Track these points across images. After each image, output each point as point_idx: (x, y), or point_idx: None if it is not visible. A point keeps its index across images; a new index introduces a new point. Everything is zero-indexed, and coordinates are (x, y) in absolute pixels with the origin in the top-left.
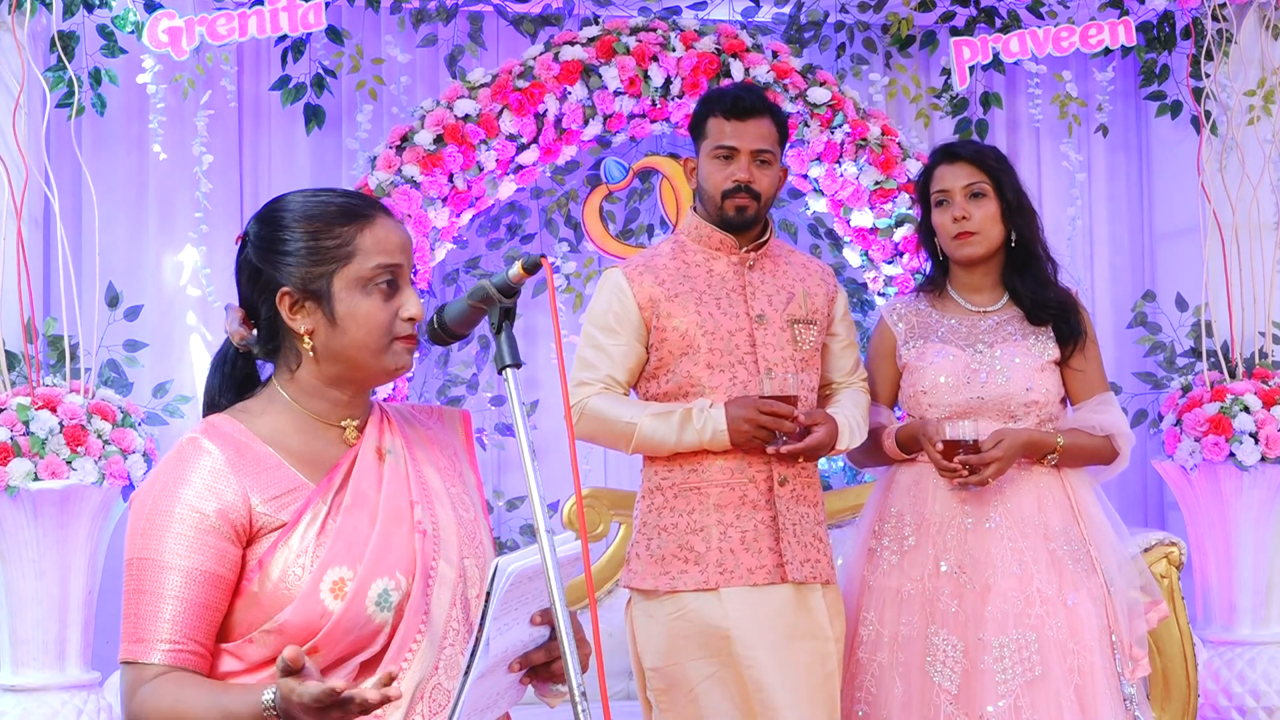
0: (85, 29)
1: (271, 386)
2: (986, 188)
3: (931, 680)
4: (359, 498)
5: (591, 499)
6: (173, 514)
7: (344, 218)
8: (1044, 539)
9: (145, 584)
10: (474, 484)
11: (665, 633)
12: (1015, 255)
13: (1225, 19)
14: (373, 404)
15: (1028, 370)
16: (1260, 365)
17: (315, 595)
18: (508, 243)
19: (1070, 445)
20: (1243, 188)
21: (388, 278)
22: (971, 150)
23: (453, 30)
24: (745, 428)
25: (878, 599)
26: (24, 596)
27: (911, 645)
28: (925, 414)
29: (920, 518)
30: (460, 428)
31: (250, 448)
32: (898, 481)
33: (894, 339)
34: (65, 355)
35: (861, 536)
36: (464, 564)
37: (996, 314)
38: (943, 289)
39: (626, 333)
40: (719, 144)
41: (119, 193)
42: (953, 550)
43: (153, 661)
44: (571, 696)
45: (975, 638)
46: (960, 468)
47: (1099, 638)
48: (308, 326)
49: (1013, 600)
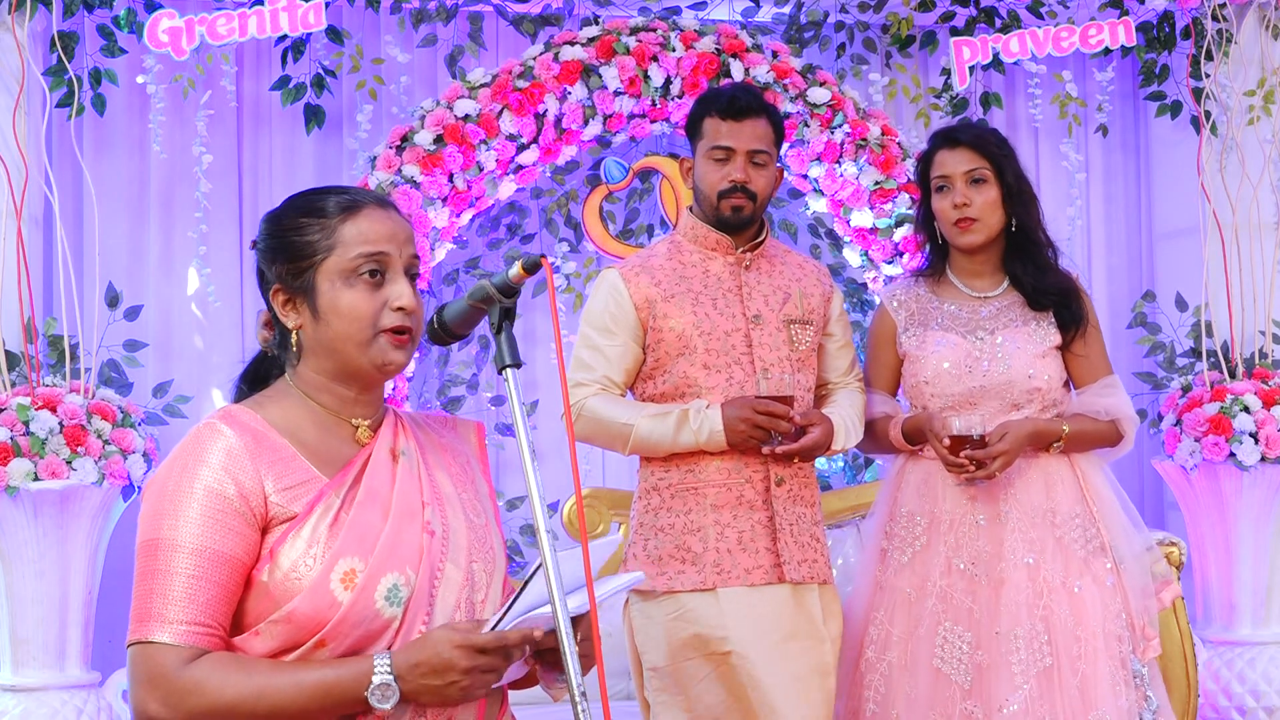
0: (85, 29)
1: (284, 380)
2: (987, 173)
3: (943, 676)
4: (371, 493)
5: (591, 499)
6: (190, 493)
7: (329, 211)
8: (1051, 526)
9: (160, 564)
10: (487, 493)
11: (663, 633)
12: (1016, 240)
13: (1225, 19)
14: (387, 408)
15: (1029, 356)
16: (1260, 365)
17: (325, 585)
18: (508, 243)
19: (1075, 432)
20: (1243, 188)
21: (371, 268)
22: (972, 135)
23: (453, 30)
24: (742, 428)
25: (889, 599)
26: (24, 596)
27: (922, 643)
28: (928, 403)
29: (931, 516)
30: (474, 438)
31: (266, 436)
32: (907, 480)
33: (894, 325)
34: (65, 355)
35: (872, 537)
36: (472, 568)
37: (997, 299)
38: (942, 273)
39: (623, 333)
40: (715, 144)
41: (119, 193)
42: (965, 547)
43: (166, 641)
44: (571, 696)
45: (990, 632)
46: (966, 462)
47: (1103, 622)
48: (296, 321)
49: (1024, 591)
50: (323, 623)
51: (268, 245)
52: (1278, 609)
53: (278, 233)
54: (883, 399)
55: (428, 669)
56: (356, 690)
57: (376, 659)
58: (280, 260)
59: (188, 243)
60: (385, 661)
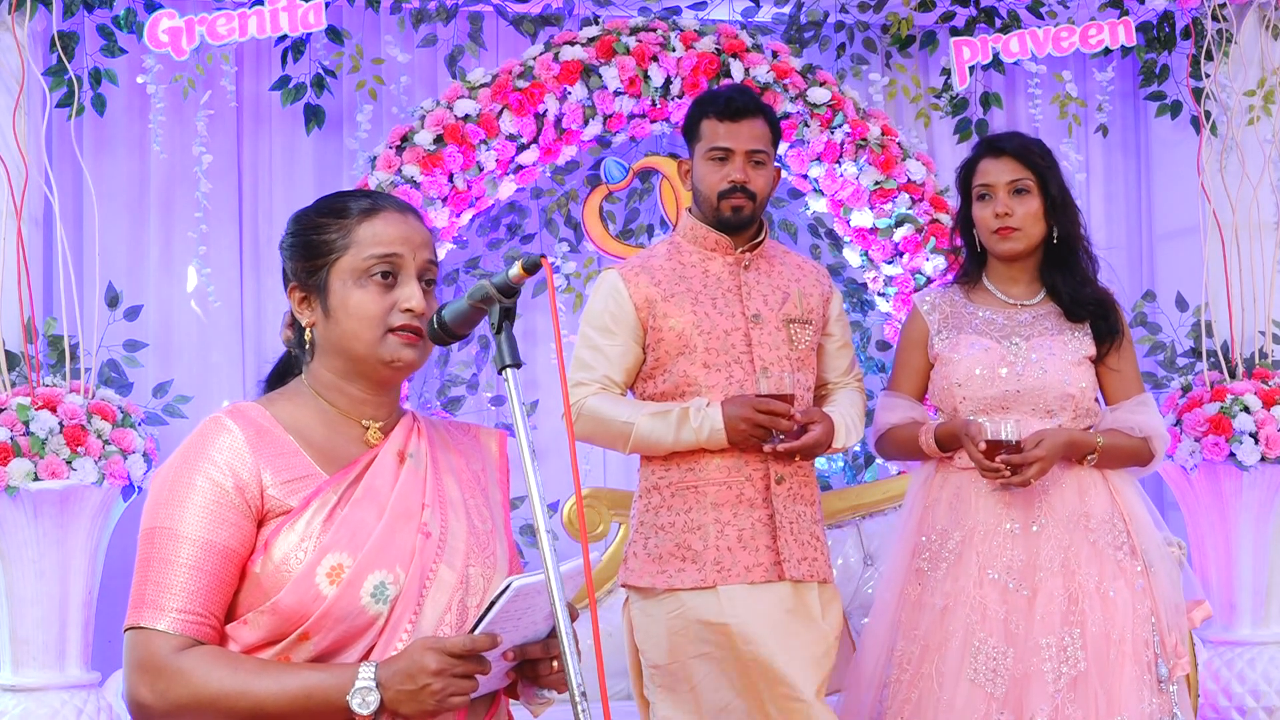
0: (85, 29)
1: (299, 380)
2: (1030, 184)
3: (976, 687)
4: (370, 492)
5: (591, 499)
6: (193, 486)
7: (347, 212)
8: (1085, 531)
9: (159, 552)
10: (500, 501)
11: (664, 630)
12: (1055, 251)
13: (1225, 19)
14: (405, 411)
15: (1064, 364)
16: (1260, 365)
17: (311, 578)
18: (508, 243)
19: (1109, 446)
20: (1243, 188)
21: (384, 269)
22: (1016, 145)
23: (453, 30)
24: (743, 427)
25: (925, 617)
26: (24, 596)
27: (954, 655)
28: (958, 407)
29: (965, 530)
30: (495, 446)
31: (271, 432)
32: (938, 499)
33: (926, 329)
34: (65, 355)
35: (901, 557)
36: (468, 571)
37: (1033, 308)
38: (978, 281)
39: (623, 333)
40: (713, 145)
41: (119, 193)
42: (999, 557)
43: (161, 628)
44: (571, 697)
45: (1025, 642)
46: (1002, 467)
47: (1132, 626)
48: (310, 319)
49: (1059, 600)
50: (306, 615)
51: (290, 243)
52: (1278, 609)
53: (300, 231)
54: (909, 404)
55: (404, 675)
56: (338, 696)
57: (362, 666)
58: (298, 258)
59: (187, 243)
60: (370, 669)
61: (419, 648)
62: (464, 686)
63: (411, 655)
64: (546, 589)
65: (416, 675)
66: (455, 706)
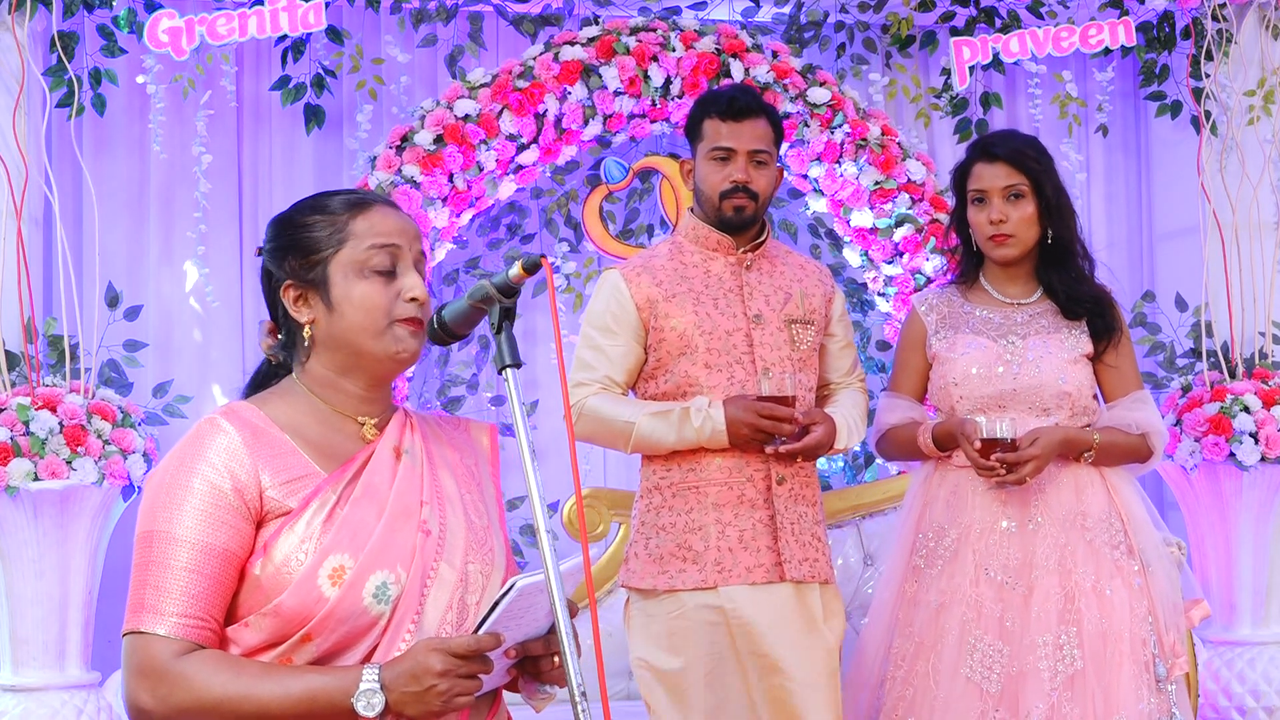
0: (85, 29)
1: (290, 379)
2: (1025, 189)
3: (972, 685)
4: (369, 490)
5: (591, 499)
6: (189, 488)
7: (339, 207)
8: (1082, 529)
9: (157, 556)
10: (493, 495)
11: (665, 631)
12: (1051, 251)
13: (1225, 19)
14: (397, 407)
15: (1060, 362)
16: (1260, 365)
17: (313, 580)
18: (508, 243)
19: (1106, 443)
20: (1243, 188)
21: (384, 259)
22: (1010, 149)
23: (453, 30)
24: (744, 431)
25: (920, 614)
26: (24, 596)
27: (950, 652)
28: (956, 406)
29: (961, 528)
30: (486, 440)
31: (267, 432)
32: (935, 495)
33: (924, 329)
34: (65, 355)
35: (900, 556)
36: (467, 568)
37: (1030, 307)
38: (974, 280)
39: (624, 333)
40: (716, 145)
41: (119, 193)
42: (995, 555)
43: (161, 633)
44: (571, 697)
45: (1020, 640)
46: (998, 466)
47: (1130, 625)
48: (309, 316)
49: (1055, 598)
50: (309, 617)
51: (276, 245)
52: (1278, 609)
53: (286, 231)
54: (909, 404)
55: (408, 676)
56: (343, 698)
57: (366, 669)
58: (291, 256)
59: (187, 243)
60: (374, 671)
61: (423, 649)
62: (469, 687)
63: (416, 656)
64: (547, 588)
65: (421, 676)
66: (460, 707)
